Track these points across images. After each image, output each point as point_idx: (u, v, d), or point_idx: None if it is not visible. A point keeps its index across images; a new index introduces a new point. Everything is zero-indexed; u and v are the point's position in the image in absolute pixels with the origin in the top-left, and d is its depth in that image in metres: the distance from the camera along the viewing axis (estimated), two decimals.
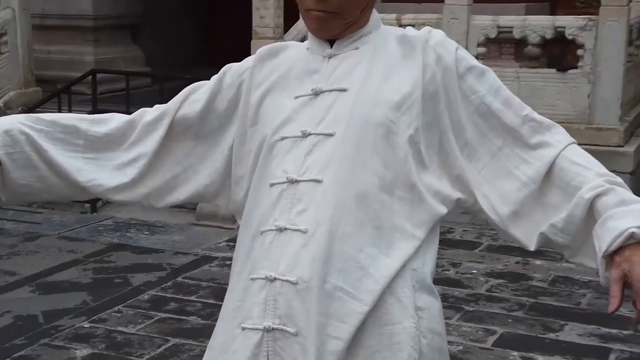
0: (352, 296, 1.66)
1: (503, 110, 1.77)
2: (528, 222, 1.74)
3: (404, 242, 1.70)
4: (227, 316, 1.77)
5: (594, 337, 4.52)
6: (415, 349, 1.68)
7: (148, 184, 1.92)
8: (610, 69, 6.82)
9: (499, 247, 6.08)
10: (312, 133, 1.73)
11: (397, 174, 1.71)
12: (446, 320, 4.62)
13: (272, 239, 1.70)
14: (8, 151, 1.84)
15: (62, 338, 4.43)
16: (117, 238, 6.26)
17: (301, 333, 1.65)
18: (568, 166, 1.71)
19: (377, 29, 1.83)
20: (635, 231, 1.57)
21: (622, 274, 1.57)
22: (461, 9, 7.21)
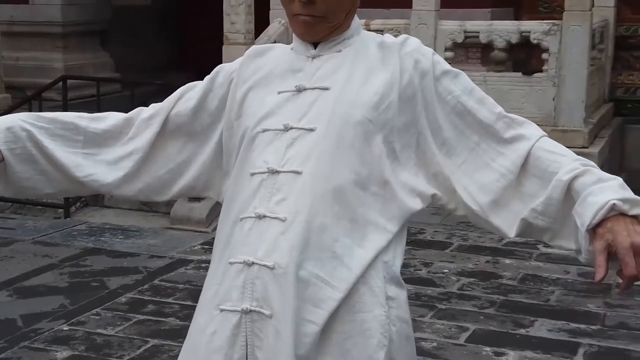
0: (327, 283, 1.75)
1: (478, 108, 1.87)
2: (508, 212, 1.84)
3: (377, 235, 1.80)
4: (207, 299, 1.85)
5: (563, 332, 4.65)
6: (384, 336, 1.78)
7: (143, 178, 2.01)
8: (574, 72, 7.00)
9: (469, 247, 6.21)
10: (293, 127, 1.82)
11: (371, 170, 1.81)
12: (420, 318, 4.77)
13: (251, 225, 1.79)
14: (10, 147, 1.93)
15: (42, 341, 4.46)
16: (91, 242, 6.29)
17: (276, 316, 1.73)
18: (543, 155, 1.81)
19: (358, 33, 1.93)
20: (616, 202, 1.65)
21: (606, 244, 1.64)
22: (428, 14, 7.35)
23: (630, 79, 8.92)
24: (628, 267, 1.61)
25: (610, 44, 8.68)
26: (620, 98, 8.88)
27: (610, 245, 1.64)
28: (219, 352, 1.78)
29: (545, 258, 5.97)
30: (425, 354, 4.33)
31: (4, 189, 1.99)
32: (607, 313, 4.93)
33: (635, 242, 1.62)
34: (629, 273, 1.61)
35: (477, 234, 6.46)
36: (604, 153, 7.30)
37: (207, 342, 1.81)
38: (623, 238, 1.62)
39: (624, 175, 9.05)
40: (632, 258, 1.61)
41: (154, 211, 7.10)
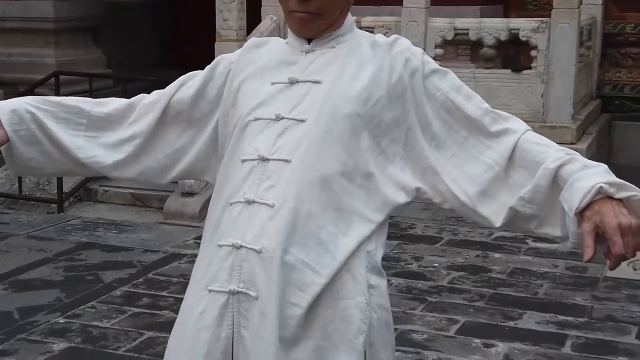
0: (312, 269, 1.83)
1: (465, 104, 1.95)
2: (496, 202, 1.91)
3: (361, 225, 1.88)
4: (196, 280, 1.93)
5: (551, 324, 4.74)
6: (364, 322, 1.85)
7: (143, 161, 2.10)
8: (562, 69, 7.09)
9: (459, 242, 6.30)
10: (285, 117, 1.90)
11: (357, 162, 1.88)
12: (411, 310, 4.85)
13: (241, 210, 1.86)
14: (15, 128, 2.01)
15: (39, 333, 4.53)
16: (85, 237, 6.35)
17: (261, 297, 1.81)
18: (529, 146, 1.89)
19: (351, 31, 2.00)
20: (603, 186, 1.73)
21: (594, 226, 1.71)
22: (419, 11, 7.42)
23: (617, 76, 9.01)
24: (616, 245, 1.68)
25: (598, 41, 8.77)
26: (607, 95, 8.97)
27: (597, 227, 1.70)
28: (207, 331, 1.86)
29: (534, 252, 6.06)
30: (416, 345, 4.42)
31: (10, 167, 2.08)
32: (594, 306, 5.03)
33: (622, 222, 1.69)
34: (617, 251, 1.68)
35: (467, 228, 6.55)
36: (591, 149, 7.39)
37: (195, 321, 1.88)
38: (610, 219, 1.69)
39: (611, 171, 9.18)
40: (620, 237, 1.68)
41: (147, 206, 7.16)
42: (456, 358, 4.28)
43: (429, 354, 4.31)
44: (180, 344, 1.93)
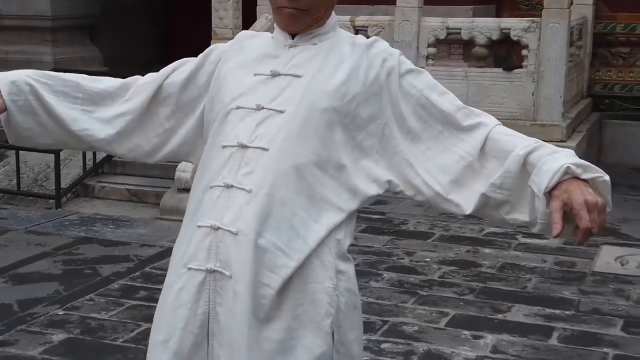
0: (284, 252, 1.94)
1: (440, 100, 2.05)
2: (469, 190, 2.01)
3: (332, 213, 1.99)
4: (177, 259, 2.04)
5: (539, 317, 4.86)
6: (331, 306, 1.97)
7: (133, 139, 2.21)
8: (552, 68, 7.21)
9: (451, 237, 6.41)
10: (265, 107, 2.01)
11: (330, 154, 1.99)
12: (402, 304, 4.97)
13: (220, 193, 1.98)
14: (13, 98, 2.11)
15: (38, 324, 4.63)
16: (83, 232, 6.45)
17: (235, 277, 1.93)
18: (500, 137, 1.99)
19: (333, 30, 2.12)
20: (570, 166, 1.83)
21: (562, 203, 1.80)
22: (412, 11, 7.54)
23: (608, 75, 9.13)
24: (583, 220, 1.77)
25: (589, 40, 8.89)
26: (598, 93, 9.09)
27: (565, 204, 1.80)
28: (185, 306, 1.98)
29: (524, 248, 6.18)
30: (406, 337, 4.53)
31: (8, 136, 2.19)
32: (581, 299, 5.14)
33: (588, 199, 1.78)
34: (584, 225, 1.77)
35: (459, 224, 6.67)
36: (581, 147, 7.51)
37: (174, 297, 2.00)
38: (577, 195, 1.79)
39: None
40: (586, 212, 1.77)
41: (144, 202, 7.27)
42: (445, 349, 4.39)
43: (419, 345, 4.42)
44: (161, 319, 2.05)
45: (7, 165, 8.21)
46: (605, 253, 6.07)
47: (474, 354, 4.34)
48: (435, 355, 4.32)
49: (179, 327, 1.98)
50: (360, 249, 6.10)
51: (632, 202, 7.58)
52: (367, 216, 6.87)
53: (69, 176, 7.83)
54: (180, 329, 1.98)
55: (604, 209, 1.80)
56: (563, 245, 6.28)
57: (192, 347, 1.98)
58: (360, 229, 6.58)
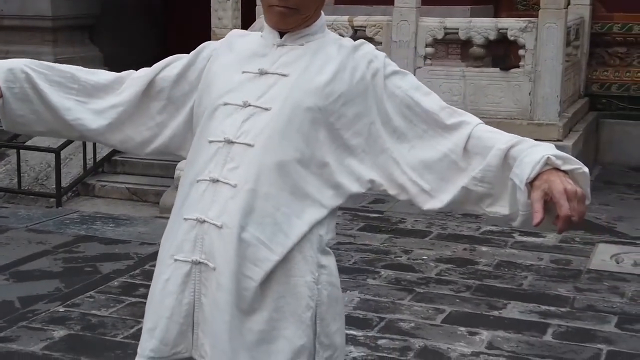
0: (266, 246, 2.01)
1: (424, 100, 2.11)
2: (452, 185, 2.06)
3: (314, 209, 2.05)
4: (164, 250, 2.12)
5: (534, 313, 4.91)
6: (312, 299, 2.04)
7: (125, 131, 2.27)
8: (549, 68, 7.26)
9: (448, 236, 6.47)
10: (251, 104, 2.07)
11: (314, 152, 2.05)
12: (399, 300, 5.02)
13: (206, 187, 2.04)
14: (9, 85, 2.18)
15: (39, 321, 4.69)
16: (83, 230, 6.51)
17: (218, 269, 2.00)
18: (483, 135, 2.05)
19: (322, 32, 2.18)
20: (551, 157, 1.89)
21: (542, 193, 1.85)
22: (410, 11, 7.59)
23: (605, 75, 9.17)
24: (562, 208, 1.82)
25: (586, 40, 8.94)
26: (595, 93, 9.13)
27: (546, 194, 1.85)
28: (171, 296, 2.05)
29: (520, 246, 6.23)
30: (403, 333, 4.59)
31: (2, 122, 2.25)
32: (576, 296, 5.20)
33: (568, 188, 1.84)
34: (564, 213, 1.82)
35: (456, 223, 6.72)
36: (578, 146, 7.56)
37: (161, 287, 2.07)
38: (557, 185, 1.84)
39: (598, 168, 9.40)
40: (566, 201, 1.82)
41: (144, 201, 7.33)
42: (441, 345, 4.44)
43: (415, 341, 4.48)
44: (149, 308, 2.13)
45: (8, 164, 8.26)
46: (600, 251, 6.13)
47: (470, 350, 4.39)
48: (431, 351, 4.38)
49: (165, 316, 2.05)
50: (358, 247, 6.16)
51: (628, 201, 7.64)
52: (365, 215, 6.93)
53: (70, 175, 7.88)
54: (166, 318, 2.05)
55: (583, 199, 1.86)
56: (559, 243, 6.33)
57: (177, 336, 2.05)
58: (359, 227, 6.65)
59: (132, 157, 7.99)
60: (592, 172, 8.55)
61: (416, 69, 7.62)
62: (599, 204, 7.44)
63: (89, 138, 2.32)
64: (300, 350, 2.02)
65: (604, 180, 8.32)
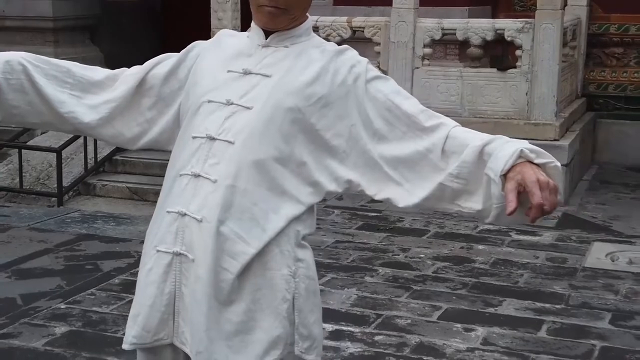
0: (243, 240, 2.08)
1: (404, 103, 2.18)
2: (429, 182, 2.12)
3: (291, 205, 2.12)
4: (148, 241, 2.20)
5: (529, 310, 4.98)
6: (288, 292, 2.12)
7: (116, 126, 2.35)
8: (546, 68, 7.32)
9: (445, 234, 6.54)
10: (234, 103, 2.14)
11: (292, 151, 2.12)
12: (396, 298, 5.09)
13: (188, 182, 2.12)
14: (6, 77, 2.26)
15: (41, 318, 4.75)
16: (85, 229, 6.58)
17: (197, 261, 2.08)
18: (459, 135, 2.12)
19: (307, 35, 2.24)
20: (524, 149, 1.96)
21: (516, 184, 1.92)
22: (408, 12, 7.65)
23: (602, 75, 9.23)
24: (535, 196, 1.89)
25: (583, 41, 8.99)
26: (592, 93, 9.19)
27: (519, 185, 1.92)
28: (153, 285, 2.13)
29: (517, 244, 6.30)
30: (399, 329, 4.65)
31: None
32: (571, 294, 5.27)
33: (540, 178, 1.91)
34: (536, 201, 1.89)
35: (453, 222, 6.79)
36: (574, 146, 7.62)
37: (145, 276, 2.16)
38: (530, 175, 1.91)
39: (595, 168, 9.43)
40: (538, 190, 1.89)
41: (144, 200, 7.39)
42: (437, 341, 4.51)
43: (411, 337, 4.55)
44: (135, 297, 2.21)
45: (10, 164, 8.33)
46: (596, 249, 6.20)
47: (465, 346, 4.46)
48: (427, 347, 4.44)
49: (147, 304, 2.14)
50: (356, 245, 6.22)
51: (624, 200, 7.70)
52: (363, 214, 7.00)
53: (71, 175, 7.95)
54: (148, 306, 2.13)
55: (555, 190, 1.93)
56: (555, 241, 6.40)
57: (158, 323, 2.14)
58: (357, 226, 6.72)
59: (133, 157, 8.06)
60: (589, 172, 8.65)
61: (414, 69, 7.69)
62: (595, 203, 7.52)
63: (81, 131, 2.40)
64: (276, 340, 2.10)
65: (600, 180, 8.39)
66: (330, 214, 7.04)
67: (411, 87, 7.68)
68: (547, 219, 6.92)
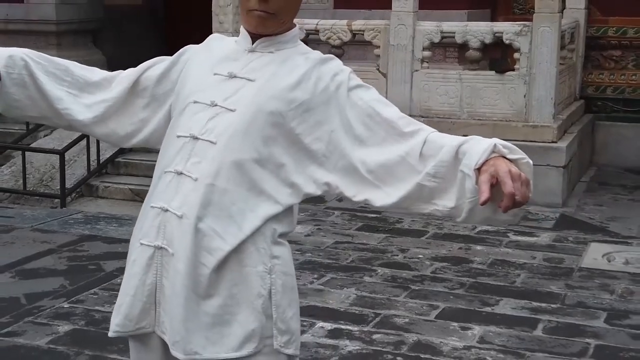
0: (220, 236, 2.16)
1: (384, 110, 2.24)
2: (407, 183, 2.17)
3: (268, 205, 2.20)
4: (134, 235, 2.29)
5: (526, 310, 5.05)
6: (263, 288, 2.19)
7: (110, 125, 2.44)
8: (543, 71, 7.39)
9: (444, 235, 6.61)
10: (218, 105, 2.22)
11: (272, 153, 2.20)
12: (394, 297, 5.17)
13: (171, 179, 2.21)
14: (9, 71, 2.35)
15: (45, 316, 4.83)
16: (87, 230, 6.66)
17: (176, 255, 2.17)
18: (437, 139, 2.18)
19: (293, 42, 2.32)
20: (497, 144, 2.03)
21: (489, 176, 1.98)
22: (407, 15, 7.72)
23: (600, 78, 9.31)
24: (507, 185, 1.94)
25: (581, 44, 9.06)
26: (590, 96, 9.26)
27: (492, 177, 1.98)
28: (136, 277, 2.23)
29: (515, 245, 6.37)
30: (397, 328, 4.73)
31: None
32: (567, 293, 5.34)
33: (512, 170, 1.98)
34: (508, 190, 1.94)
35: (452, 223, 6.85)
36: (572, 147, 7.69)
37: (129, 267, 2.26)
38: (502, 167, 1.98)
39: (594, 169, 9.49)
40: (510, 180, 1.95)
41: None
42: (434, 339, 4.58)
43: (409, 336, 4.62)
44: (120, 290, 2.31)
45: (13, 165, 8.41)
46: (593, 250, 6.27)
47: (462, 344, 4.53)
48: (425, 345, 4.51)
49: (130, 294, 2.23)
50: (355, 245, 6.30)
51: (622, 202, 7.78)
52: (363, 215, 7.07)
53: (74, 176, 8.03)
54: (130, 296, 2.23)
55: (527, 183, 1.99)
56: (552, 242, 6.47)
57: (140, 312, 2.23)
58: (357, 227, 6.79)
59: (135, 159, 8.14)
60: (587, 173, 8.72)
61: (413, 72, 7.76)
62: (593, 205, 7.59)
63: (75, 128, 2.49)
64: (251, 334, 2.18)
65: (598, 181, 8.46)
66: (330, 215, 7.11)
67: (410, 90, 7.76)
68: (545, 219, 7.02)
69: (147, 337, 2.27)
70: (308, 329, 4.65)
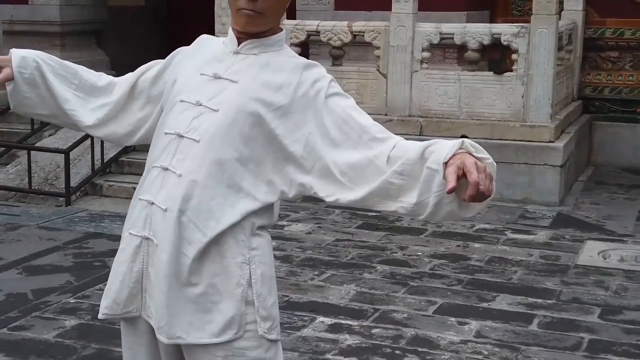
0: (200, 229, 2.30)
1: (359, 117, 2.36)
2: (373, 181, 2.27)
3: (247, 201, 2.33)
4: (125, 224, 2.45)
5: (522, 305, 5.16)
6: (242, 277, 2.32)
7: (111, 126, 2.61)
8: (541, 72, 7.50)
9: (442, 233, 6.72)
10: (202, 104, 2.35)
11: (252, 152, 2.32)
12: (393, 293, 5.28)
13: (158, 174, 2.35)
14: (21, 71, 2.52)
15: (52, 311, 4.95)
16: (92, 228, 6.77)
17: (160, 246, 2.30)
18: (405, 144, 2.29)
19: (279, 46, 2.42)
20: (465, 141, 2.14)
21: (455, 168, 2.08)
22: (407, 16, 7.83)
23: (597, 78, 9.41)
24: (472, 175, 2.04)
25: (579, 45, 9.17)
26: (588, 96, 9.37)
27: (459, 169, 2.08)
28: (124, 264, 2.38)
29: (512, 243, 6.48)
30: (395, 323, 4.84)
31: (10, 101, 2.58)
32: (562, 290, 5.45)
33: (478, 163, 2.08)
34: (473, 179, 2.04)
35: (451, 222, 6.96)
36: (569, 147, 7.79)
37: (119, 254, 2.42)
38: (469, 159, 2.08)
39: (591, 169, 9.59)
40: (475, 170, 2.05)
41: None
42: (432, 334, 4.69)
43: (407, 330, 4.73)
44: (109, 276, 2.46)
45: (18, 165, 8.53)
46: (589, 247, 6.38)
47: (459, 338, 4.64)
48: (422, 339, 4.63)
49: (118, 280, 2.39)
50: (355, 243, 6.41)
51: (618, 200, 7.88)
52: (363, 213, 7.17)
53: (78, 175, 8.15)
54: (119, 282, 2.38)
55: (491, 177, 2.10)
56: (549, 240, 6.58)
57: (128, 297, 2.38)
58: (357, 225, 6.90)
59: (139, 158, 8.25)
60: (584, 173, 8.83)
61: (413, 72, 7.87)
62: (589, 204, 7.70)
63: (79, 128, 2.65)
64: (231, 321, 2.31)
65: (595, 181, 8.57)
66: (330, 213, 7.22)
67: (410, 90, 7.87)
68: (542, 218, 7.13)
69: (136, 321, 2.41)
70: (309, 324, 4.76)
